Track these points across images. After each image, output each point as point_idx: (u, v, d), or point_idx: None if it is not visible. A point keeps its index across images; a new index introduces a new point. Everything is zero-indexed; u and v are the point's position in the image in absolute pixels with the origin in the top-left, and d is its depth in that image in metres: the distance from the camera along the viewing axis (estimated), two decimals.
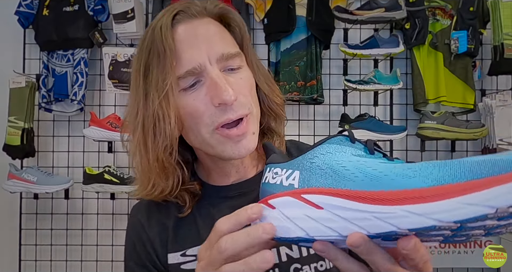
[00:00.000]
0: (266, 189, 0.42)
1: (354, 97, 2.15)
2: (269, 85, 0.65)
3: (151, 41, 0.58)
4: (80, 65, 2.08)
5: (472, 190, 0.29)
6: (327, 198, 0.36)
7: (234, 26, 0.63)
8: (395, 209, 0.32)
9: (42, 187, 1.97)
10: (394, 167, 0.34)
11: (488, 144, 2.01)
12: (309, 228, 0.36)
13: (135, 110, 0.60)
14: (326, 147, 0.40)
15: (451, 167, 0.31)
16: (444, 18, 2.10)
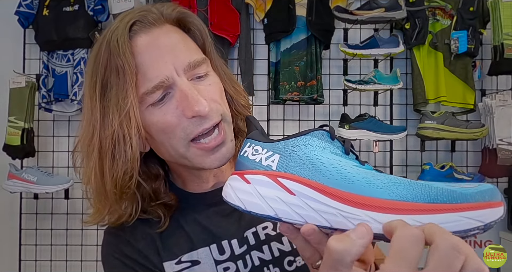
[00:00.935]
0: (244, 162, 0.44)
1: (354, 97, 2.15)
2: (235, 87, 0.63)
3: (106, 56, 0.53)
4: (80, 65, 2.07)
5: (424, 211, 0.35)
6: (301, 187, 0.39)
7: (194, 30, 0.60)
8: (360, 213, 0.37)
9: (42, 187, 1.97)
10: (365, 174, 0.38)
11: (488, 144, 2.01)
12: (279, 210, 0.40)
13: (90, 132, 0.54)
14: (308, 139, 0.42)
15: (414, 188, 0.36)
16: (444, 18, 2.10)
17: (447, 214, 0.34)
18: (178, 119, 0.53)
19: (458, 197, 0.35)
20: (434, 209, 0.34)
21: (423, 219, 0.34)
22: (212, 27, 2.06)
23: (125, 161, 0.53)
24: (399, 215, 0.35)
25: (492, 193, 0.36)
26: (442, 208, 0.34)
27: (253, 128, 0.47)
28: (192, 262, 0.60)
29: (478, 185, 0.36)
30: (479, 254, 1.41)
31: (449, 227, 0.33)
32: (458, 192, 0.35)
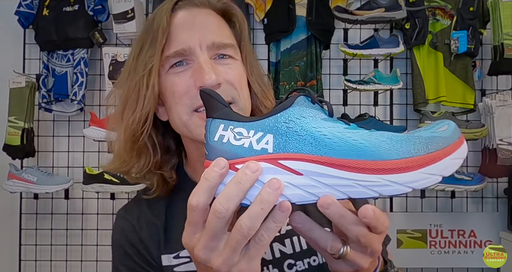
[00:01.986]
0: (227, 150, 0.38)
1: (354, 97, 2.15)
2: (261, 87, 0.65)
3: (150, 22, 0.60)
4: (80, 65, 2.08)
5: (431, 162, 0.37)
6: (308, 165, 0.37)
7: (235, 22, 0.64)
8: (378, 178, 0.36)
9: (42, 187, 1.97)
10: (367, 136, 0.38)
11: (488, 144, 2.01)
12: (291, 196, 0.37)
13: (123, 81, 0.62)
14: (297, 110, 0.39)
15: (414, 142, 0.38)
16: (444, 18, 2.10)
17: (444, 160, 0.37)
18: (188, 87, 0.56)
19: (444, 141, 0.38)
20: (434, 159, 0.37)
21: (431, 170, 0.37)
22: None
23: (140, 111, 0.57)
24: (413, 172, 0.36)
25: (457, 130, 0.41)
26: (439, 156, 0.37)
27: (216, 104, 0.40)
28: (190, 257, 0.60)
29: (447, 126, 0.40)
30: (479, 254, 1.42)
31: (449, 170, 0.38)
32: (443, 137, 0.39)
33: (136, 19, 2.02)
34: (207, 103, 0.41)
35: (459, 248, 2.12)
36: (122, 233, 0.66)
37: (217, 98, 0.40)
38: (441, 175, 0.37)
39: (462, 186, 1.96)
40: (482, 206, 2.17)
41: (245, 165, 0.36)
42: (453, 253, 2.11)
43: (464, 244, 2.12)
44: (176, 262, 0.61)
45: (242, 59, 0.63)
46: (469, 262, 2.10)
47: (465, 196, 2.16)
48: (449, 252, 2.11)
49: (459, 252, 2.12)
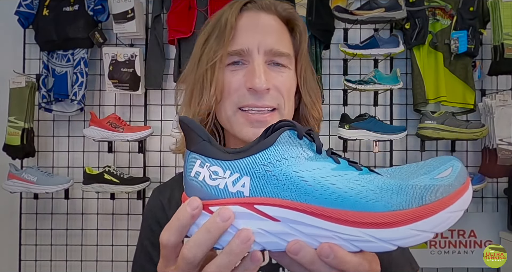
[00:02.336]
0: (201, 188, 0.36)
1: (354, 97, 2.15)
2: (312, 98, 0.67)
3: (218, 18, 0.63)
4: (80, 65, 2.08)
5: (423, 216, 0.33)
6: (286, 212, 0.34)
7: (296, 32, 0.66)
8: (360, 233, 0.33)
9: (42, 187, 1.97)
10: (353, 184, 0.34)
11: (488, 144, 2.01)
12: (266, 243, 0.35)
13: (189, 71, 0.67)
14: (279, 150, 0.35)
15: (406, 193, 0.34)
16: (444, 18, 2.10)
17: (439, 214, 0.34)
18: (239, 86, 0.60)
19: (442, 191, 0.34)
20: (427, 213, 0.33)
21: (421, 226, 0.33)
22: None
23: (202, 102, 0.61)
24: (401, 228, 0.33)
25: (463, 173, 0.36)
26: (433, 209, 0.34)
27: (195, 136, 0.37)
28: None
29: (451, 170, 0.36)
30: (479, 254, 1.42)
31: (444, 226, 0.34)
32: (442, 185, 0.34)
33: (136, 19, 2.02)
34: (186, 134, 0.38)
35: (459, 248, 2.12)
36: (152, 211, 0.69)
37: (195, 129, 0.37)
38: (433, 232, 0.34)
39: None
40: (482, 206, 2.18)
41: (217, 212, 0.34)
42: (453, 253, 2.12)
43: (464, 244, 2.12)
44: None
45: (297, 69, 0.66)
46: (469, 262, 2.10)
47: None
48: (449, 252, 2.12)
49: (459, 252, 2.12)
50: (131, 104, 2.19)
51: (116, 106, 2.18)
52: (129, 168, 2.16)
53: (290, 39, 0.66)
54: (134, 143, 2.12)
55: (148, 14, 2.17)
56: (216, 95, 0.60)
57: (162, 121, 2.17)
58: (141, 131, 2.00)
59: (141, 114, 2.16)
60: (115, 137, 1.97)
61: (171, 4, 2.10)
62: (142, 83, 2.07)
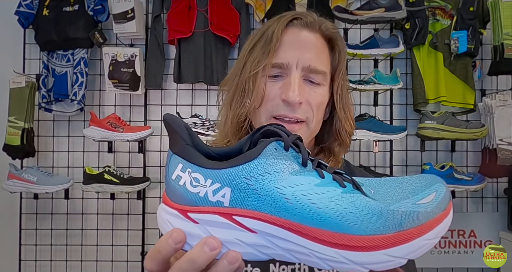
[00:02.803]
0: (182, 194, 0.36)
1: (354, 97, 2.15)
2: (346, 113, 0.71)
3: (267, 27, 0.68)
4: (80, 65, 2.08)
5: (398, 243, 0.34)
6: (264, 225, 0.34)
7: (336, 51, 0.70)
8: (335, 253, 0.34)
9: (42, 187, 1.97)
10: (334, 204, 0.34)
11: (488, 144, 2.01)
12: (243, 253, 0.35)
13: (234, 74, 0.71)
14: (263, 164, 0.35)
15: (385, 218, 0.34)
16: (444, 18, 2.10)
17: (415, 241, 0.34)
18: (275, 96, 0.64)
19: (422, 217, 0.34)
20: (404, 239, 0.33)
21: (395, 252, 0.33)
22: (212, 27, 2.06)
23: (243, 107, 0.65)
24: (375, 252, 0.33)
25: (446, 199, 0.36)
26: (409, 236, 0.34)
27: (178, 139, 0.37)
28: None
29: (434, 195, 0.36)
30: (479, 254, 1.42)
31: (417, 253, 0.34)
32: (423, 212, 0.34)
33: (136, 19, 2.02)
34: (169, 134, 0.38)
35: (459, 248, 2.12)
36: None
37: (179, 132, 0.37)
38: (406, 258, 0.34)
39: (462, 186, 1.96)
40: (482, 206, 2.18)
41: (203, 241, 0.34)
42: (453, 253, 2.11)
43: (464, 244, 2.12)
44: None
45: (333, 86, 0.69)
46: (469, 262, 2.10)
47: (465, 196, 2.16)
48: (449, 252, 2.11)
49: (459, 252, 2.12)
50: (131, 104, 2.19)
51: (116, 106, 2.18)
52: (129, 168, 2.16)
53: (329, 57, 0.69)
54: (134, 143, 2.12)
55: (148, 14, 2.17)
56: (255, 102, 0.65)
57: (162, 121, 2.16)
58: (141, 131, 2.00)
59: (141, 114, 2.16)
60: (115, 137, 1.97)
61: (171, 4, 2.10)
62: (142, 83, 2.07)
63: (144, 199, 2.11)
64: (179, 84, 2.14)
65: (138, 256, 2.10)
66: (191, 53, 2.09)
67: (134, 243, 2.11)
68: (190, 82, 2.10)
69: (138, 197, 2.10)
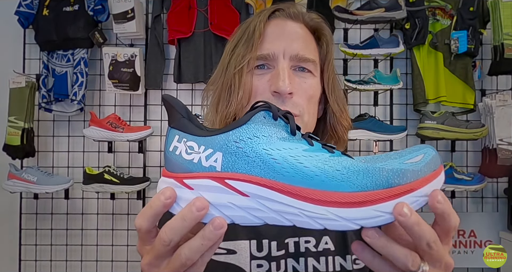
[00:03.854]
0: (177, 162, 0.38)
1: (354, 97, 2.15)
2: (340, 106, 0.68)
3: (247, 25, 0.66)
4: (80, 65, 2.08)
5: (387, 198, 0.34)
6: (255, 188, 0.35)
7: (323, 41, 0.68)
8: (324, 211, 0.34)
9: (42, 187, 1.97)
10: (322, 164, 0.35)
11: (488, 144, 2.01)
12: (235, 217, 0.36)
13: (218, 75, 0.68)
14: (252, 128, 0.37)
15: (373, 175, 0.35)
16: (444, 18, 2.10)
17: (404, 197, 0.34)
18: (264, 90, 0.61)
19: (411, 175, 0.34)
20: (393, 195, 0.34)
21: (384, 207, 0.34)
22: (212, 27, 2.06)
23: (230, 106, 0.62)
24: (364, 208, 0.34)
25: (435, 160, 0.36)
26: (399, 192, 0.34)
27: (175, 113, 0.39)
28: (228, 250, 0.62)
29: (422, 156, 0.36)
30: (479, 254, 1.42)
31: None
32: (410, 170, 0.35)
33: (136, 19, 2.02)
34: (168, 111, 0.40)
35: (459, 248, 2.12)
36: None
37: (176, 107, 0.39)
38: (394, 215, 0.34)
39: (462, 186, 1.96)
40: (482, 206, 2.18)
41: (193, 201, 0.35)
42: (453, 253, 2.11)
43: (464, 244, 2.12)
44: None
45: (324, 77, 0.67)
46: (469, 262, 2.10)
47: (465, 196, 2.16)
48: (449, 252, 2.11)
49: (459, 252, 2.12)
50: (131, 104, 2.19)
51: (116, 106, 2.18)
52: (129, 168, 2.16)
53: (317, 47, 0.67)
54: (134, 143, 2.12)
55: (148, 14, 2.17)
56: (243, 99, 0.62)
57: (162, 121, 2.17)
58: (141, 131, 2.00)
59: (141, 114, 2.16)
60: (115, 137, 1.97)
61: (171, 4, 2.10)
62: (142, 83, 2.08)
63: (144, 199, 2.11)
64: (179, 84, 2.14)
65: (138, 256, 2.09)
66: (191, 53, 2.09)
67: (134, 243, 2.11)
68: (190, 82, 2.10)
69: (138, 197, 2.10)
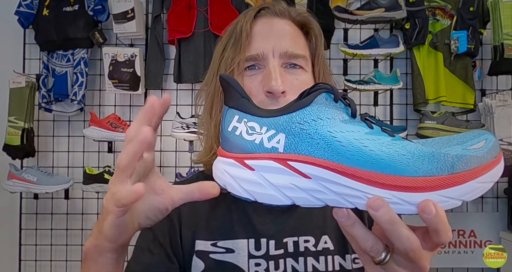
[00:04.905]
0: (238, 143, 0.37)
1: (354, 97, 2.15)
2: None
3: (234, 27, 0.65)
4: (80, 65, 2.08)
5: (452, 184, 0.34)
6: (318, 170, 0.35)
7: (311, 35, 0.67)
8: (389, 194, 0.34)
9: (42, 187, 1.97)
10: (386, 148, 0.35)
11: None
12: (296, 198, 0.36)
13: (209, 80, 0.67)
14: (315, 110, 0.36)
15: (438, 161, 0.35)
16: (444, 18, 2.10)
17: (469, 183, 0.34)
18: (257, 91, 0.60)
19: (474, 161, 0.35)
20: (456, 181, 0.34)
21: (450, 193, 0.34)
22: (212, 27, 2.06)
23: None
24: (427, 193, 0.34)
25: (496, 147, 0.36)
26: (463, 178, 0.34)
27: (234, 93, 0.39)
28: (226, 249, 0.63)
29: (484, 142, 0.36)
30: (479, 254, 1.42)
31: (472, 195, 0.35)
32: (474, 156, 0.35)
33: (136, 19, 2.02)
34: (226, 91, 0.40)
35: (459, 248, 2.12)
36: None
37: (235, 86, 0.39)
38: (461, 200, 0.35)
39: None
40: (482, 206, 2.17)
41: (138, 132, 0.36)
42: (453, 253, 2.11)
43: (464, 244, 2.12)
44: (212, 249, 0.63)
45: (314, 72, 0.66)
46: (469, 262, 2.10)
47: None
48: (449, 252, 2.11)
49: (459, 252, 2.12)
50: (131, 104, 2.19)
51: (116, 106, 2.18)
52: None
53: (306, 43, 0.66)
54: None
55: (148, 14, 2.17)
56: None
57: (162, 121, 2.16)
58: None
59: None
60: (115, 137, 1.97)
61: (171, 4, 2.10)
62: (142, 83, 2.07)
63: None
64: (179, 84, 2.14)
65: None
66: (191, 53, 2.08)
67: (134, 243, 2.11)
68: (190, 82, 2.10)
69: None
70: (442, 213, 0.34)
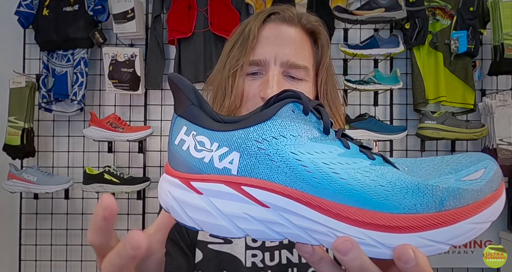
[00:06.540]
0: (185, 159, 0.31)
1: (354, 97, 2.15)
2: (332, 111, 0.68)
3: (244, 27, 0.66)
4: (80, 65, 2.08)
5: (439, 224, 0.28)
6: (278, 198, 0.29)
7: (318, 45, 0.69)
8: (361, 234, 0.28)
9: (42, 187, 1.97)
10: (362, 176, 0.29)
11: (488, 144, 2.01)
12: (251, 230, 0.30)
13: (215, 76, 0.69)
14: (278, 125, 0.30)
15: (423, 194, 0.29)
16: (444, 18, 2.10)
17: (459, 224, 0.28)
18: (254, 95, 0.62)
19: (469, 196, 0.29)
20: (445, 221, 0.28)
21: (435, 235, 0.28)
22: (212, 27, 2.06)
23: (223, 107, 0.63)
24: (408, 235, 0.28)
25: (497, 177, 0.30)
26: (453, 217, 0.28)
27: (183, 98, 0.32)
28: (225, 240, 0.64)
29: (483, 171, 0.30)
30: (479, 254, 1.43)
31: (463, 239, 0.29)
32: (469, 190, 0.29)
33: (136, 19, 2.02)
34: (174, 95, 0.32)
35: (459, 248, 2.12)
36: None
37: (184, 90, 0.32)
38: (448, 244, 0.29)
39: None
40: None
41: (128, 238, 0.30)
42: (453, 253, 2.11)
43: (464, 244, 2.12)
44: (211, 239, 0.64)
45: (317, 81, 0.67)
46: (469, 262, 2.10)
47: None
48: (449, 252, 2.11)
49: (459, 252, 2.12)
50: (131, 104, 2.19)
51: (116, 106, 2.18)
52: (129, 168, 2.16)
53: (312, 51, 0.67)
54: (134, 143, 2.12)
55: (148, 14, 2.17)
56: (236, 102, 0.62)
57: (162, 121, 2.17)
58: (141, 131, 2.00)
59: (141, 114, 2.16)
60: (115, 137, 1.97)
61: (171, 4, 2.10)
62: (142, 83, 2.08)
63: (144, 199, 2.11)
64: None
65: None
66: (191, 53, 2.09)
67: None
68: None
69: (138, 197, 2.10)
70: (423, 262, 0.28)
